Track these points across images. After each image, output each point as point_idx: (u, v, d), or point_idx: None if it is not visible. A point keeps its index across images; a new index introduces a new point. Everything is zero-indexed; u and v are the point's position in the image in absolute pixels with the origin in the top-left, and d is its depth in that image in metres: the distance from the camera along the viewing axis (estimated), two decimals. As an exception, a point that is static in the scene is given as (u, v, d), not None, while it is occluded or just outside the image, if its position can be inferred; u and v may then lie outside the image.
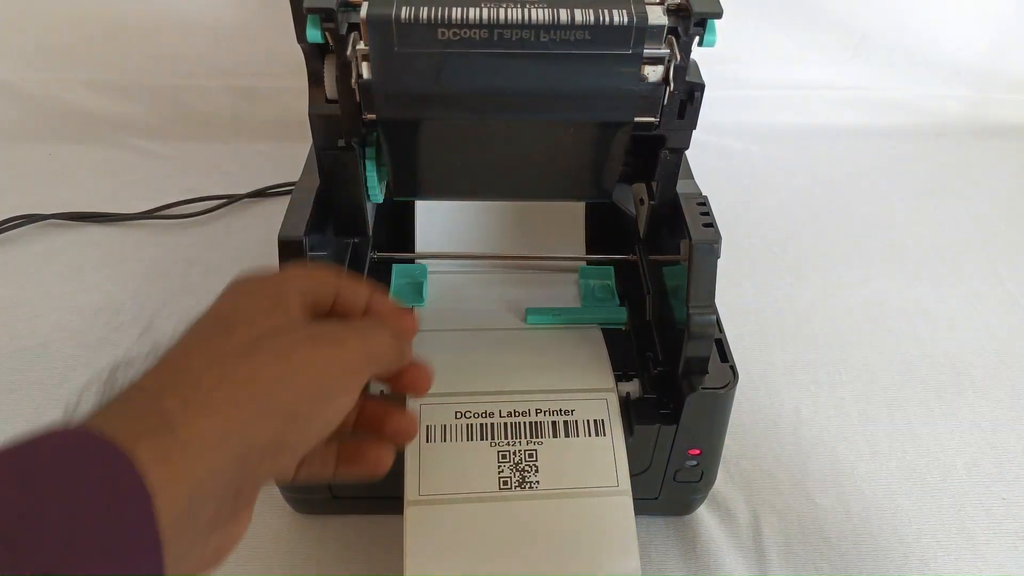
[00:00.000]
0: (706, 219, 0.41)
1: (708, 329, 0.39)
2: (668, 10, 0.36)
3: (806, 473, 0.50)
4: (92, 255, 0.67)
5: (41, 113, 0.83)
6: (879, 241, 0.72)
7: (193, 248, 0.68)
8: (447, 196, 0.46)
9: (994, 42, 0.86)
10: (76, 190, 0.75)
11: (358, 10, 0.35)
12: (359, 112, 0.38)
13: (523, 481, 0.39)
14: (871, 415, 0.54)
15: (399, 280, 0.51)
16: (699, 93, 0.39)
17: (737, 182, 0.79)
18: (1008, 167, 0.84)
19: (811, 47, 0.85)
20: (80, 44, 0.80)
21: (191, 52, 0.81)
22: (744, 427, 0.53)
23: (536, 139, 0.40)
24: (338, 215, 0.46)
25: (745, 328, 0.60)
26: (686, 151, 0.43)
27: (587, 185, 0.44)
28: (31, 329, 0.59)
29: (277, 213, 0.40)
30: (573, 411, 0.41)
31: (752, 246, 0.70)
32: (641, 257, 0.51)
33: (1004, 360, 0.59)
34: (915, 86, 0.88)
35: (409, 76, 0.36)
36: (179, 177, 0.77)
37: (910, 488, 0.49)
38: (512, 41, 0.35)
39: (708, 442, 0.42)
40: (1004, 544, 0.46)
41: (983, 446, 0.52)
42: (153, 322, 0.60)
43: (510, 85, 0.37)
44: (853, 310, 0.63)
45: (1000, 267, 0.68)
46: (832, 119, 0.88)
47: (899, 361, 0.58)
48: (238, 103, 0.84)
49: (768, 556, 0.45)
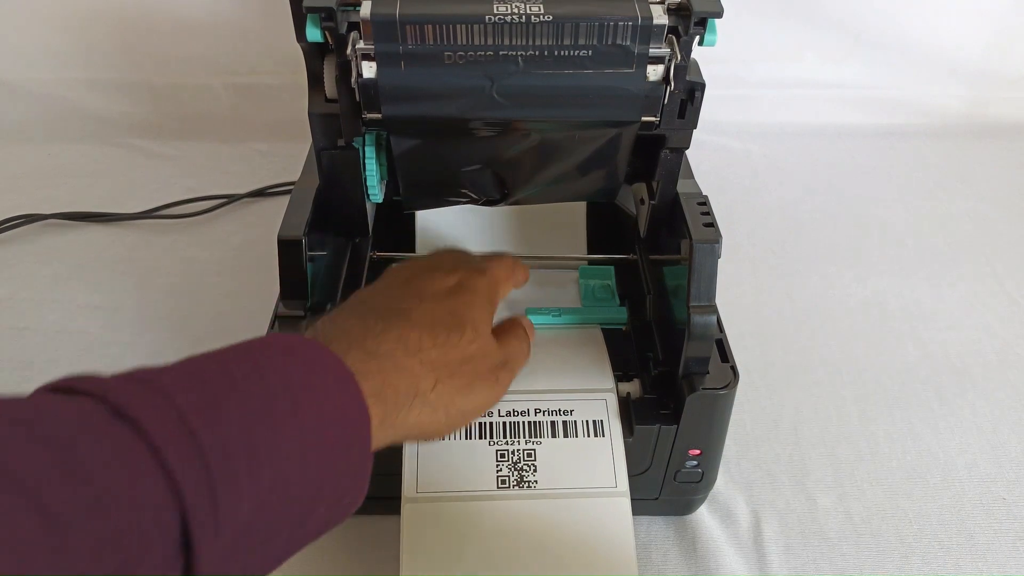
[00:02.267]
0: (707, 219, 0.41)
1: (708, 329, 0.39)
2: (669, 9, 0.36)
3: (806, 473, 0.50)
4: (92, 255, 0.67)
5: (41, 113, 0.83)
6: (879, 241, 0.71)
7: (193, 248, 0.68)
8: (457, 202, 0.46)
9: (992, 41, 0.86)
10: (76, 190, 0.75)
11: (358, 9, 0.35)
12: (359, 112, 0.38)
13: (521, 480, 0.39)
14: (871, 415, 0.54)
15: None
16: (699, 92, 0.39)
17: (737, 182, 0.79)
18: (1007, 165, 0.84)
19: (811, 47, 0.85)
20: (80, 44, 0.80)
21: (191, 51, 0.81)
22: (744, 427, 0.53)
23: (543, 141, 0.40)
24: (338, 215, 0.46)
25: (745, 328, 0.60)
26: (686, 151, 0.43)
27: (594, 185, 0.44)
28: (31, 329, 0.59)
29: (277, 213, 0.40)
30: (572, 411, 0.41)
31: (752, 246, 0.70)
32: (641, 257, 0.51)
33: (1004, 360, 0.59)
34: (914, 85, 0.88)
35: (414, 76, 0.36)
36: (179, 177, 0.77)
37: (910, 488, 0.49)
38: (515, 57, 0.36)
39: (708, 442, 0.42)
40: (1004, 544, 0.46)
41: (983, 446, 0.52)
42: (153, 322, 0.60)
43: (516, 85, 0.36)
44: (853, 310, 0.63)
45: (999, 266, 0.68)
46: (832, 119, 0.88)
47: (899, 361, 0.58)
48: (238, 102, 0.84)
49: (768, 556, 0.45)
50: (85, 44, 0.80)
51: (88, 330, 0.59)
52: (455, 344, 0.33)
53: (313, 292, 0.41)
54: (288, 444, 0.25)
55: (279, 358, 0.27)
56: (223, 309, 0.61)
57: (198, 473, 0.22)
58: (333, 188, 0.43)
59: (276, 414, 0.25)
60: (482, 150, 0.41)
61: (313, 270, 0.41)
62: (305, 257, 0.39)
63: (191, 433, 0.22)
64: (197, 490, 0.21)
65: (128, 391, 0.23)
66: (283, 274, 0.40)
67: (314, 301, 0.41)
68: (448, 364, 0.33)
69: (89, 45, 0.80)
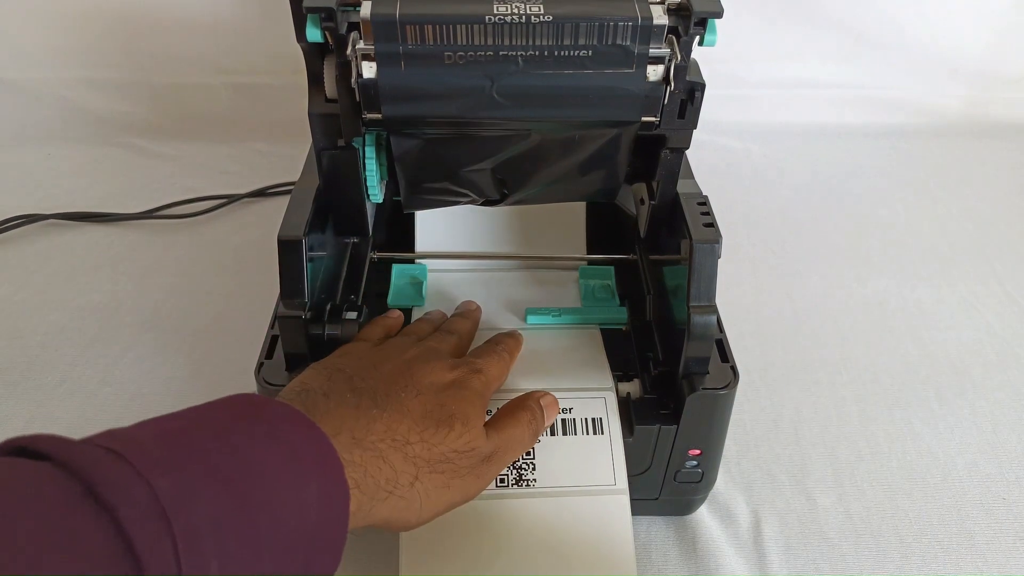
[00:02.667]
0: (706, 219, 0.41)
1: (709, 329, 0.39)
2: (669, 9, 0.36)
3: (806, 473, 0.50)
4: (92, 255, 0.67)
5: (41, 113, 0.83)
6: (879, 241, 0.72)
7: (193, 248, 0.68)
8: (456, 202, 0.46)
9: (992, 41, 0.86)
10: (76, 190, 0.75)
11: (358, 9, 0.35)
12: (359, 112, 0.38)
13: (520, 479, 0.39)
14: (871, 415, 0.54)
15: (399, 280, 0.51)
16: (699, 92, 0.39)
17: (737, 182, 0.79)
18: (1006, 165, 0.84)
19: (811, 47, 0.85)
20: (80, 43, 0.80)
21: (191, 51, 0.81)
22: (744, 427, 0.53)
23: (543, 141, 0.40)
24: (338, 215, 0.46)
25: (745, 328, 0.60)
26: (686, 151, 0.43)
27: (594, 185, 0.44)
28: (31, 329, 0.59)
29: (277, 213, 0.40)
30: (571, 409, 0.41)
31: (752, 246, 0.70)
32: (641, 257, 0.51)
33: (1004, 360, 0.59)
34: (914, 85, 0.88)
35: (414, 76, 0.36)
36: (179, 177, 0.77)
37: (910, 488, 0.49)
38: (515, 57, 0.36)
39: (708, 442, 0.42)
40: (1004, 544, 0.46)
41: (983, 446, 0.52)
42: (153, 322, 0.60)
43: (516, 85, 0.36)
44: (853, 310, 0.63)
45: (999, 266, 0.68)
46: (832, 118, 0.88)
47: (899, 361, 0.58)
48: (238, 102, 0.84)
49: (768, 556, 0.45)
50: (85, 44, 0.80)
51: (88, 330, 0.59)
52: (441, 440, 0.33)
53: (313, 292, 0.41)
54: (263, 531, 0.24)
55: (266, 434, 0.27)
56: (223, 309, 0.61)
57: (167, 563, 0.21)
58: (333, 188, 0.43)
59: (254, 500, 0.24)
60: (482, 150, 0.41)
61: (313, 270, 0.41)
62: (305, 257, 0.39)
63: (164, 521, 0.22)
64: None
65: (100, 467, 0.22)
66: (283, 274, 0.40)
67: (314, 301, 0.41)
68: (430, 460, 0.33)
69: (89, 45, 0.80)
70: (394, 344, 0.40)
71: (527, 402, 0.39)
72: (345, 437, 0.30)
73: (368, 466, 0.30)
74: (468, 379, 0.38)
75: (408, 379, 0.36)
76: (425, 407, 0.34)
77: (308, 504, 0.26)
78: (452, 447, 0.34)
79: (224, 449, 0.25)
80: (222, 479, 0.24)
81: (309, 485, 0.26)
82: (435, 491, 0.33)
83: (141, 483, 0.22)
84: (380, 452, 0.31)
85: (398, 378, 0.36)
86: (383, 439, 0.32)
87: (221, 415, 0.27)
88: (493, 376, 0.40)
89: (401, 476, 0.31)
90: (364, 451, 0.31)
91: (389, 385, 0.35)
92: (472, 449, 0.34)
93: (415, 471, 0.32)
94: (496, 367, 0.40)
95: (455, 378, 0.37)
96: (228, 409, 0.27)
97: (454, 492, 0.34)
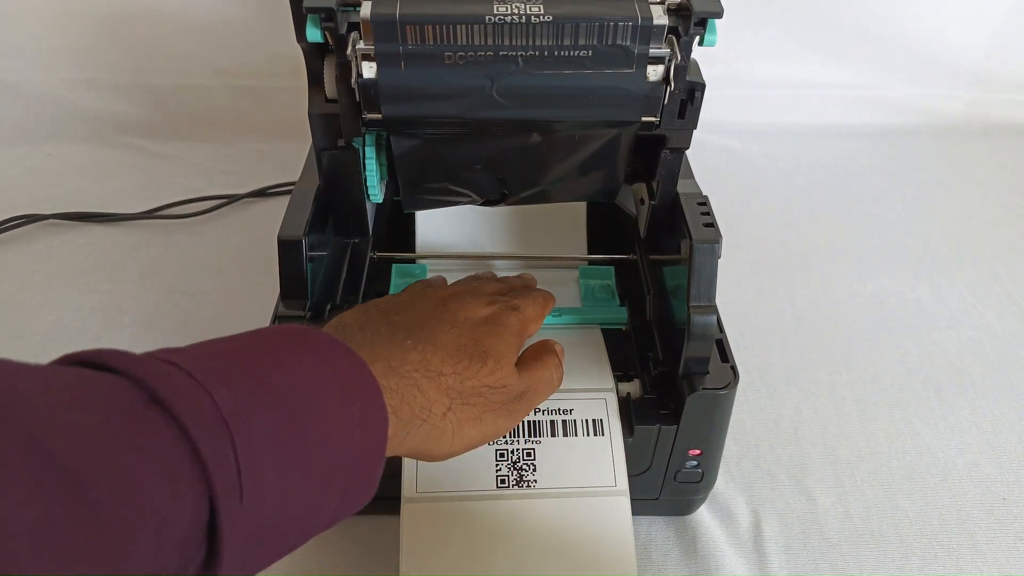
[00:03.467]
0: (707, 219, 0.41)
1: (709, 329, 0.39)
2: (669, 9, 0.36)
3: (806, 473, 0.50)
4: (92, 255, 0.67)
5: (41, 113, 0.83)
6: (879, 241, 0.71)
7: (193, 248, 0.68)
8: (457, 202, 0.46)
9: (993, 42, 0.86)
10: (76, 190, 0.75)
11: (358, 10, 0.35)
12: (359, 112, 0.38)
13: (521, 480, 0.39)
14: (871, 415, 0.54)
15: (399, 280, 0.51)
16: (699, 93, 0.39)
17: (737, 182, 0.79)
18: (1007, 166, 0.84)
19: (811, 47, 0.85)
20: (80, 44, 0.80)
21: (191, 52, 0.81)
22: (744, 427, 0.53)
23: (543, 141, 0.40)
24: (338, 215, 0.46)
25: (745, 328, 0.60)
26: (686, 151, 0.43)
27: (594, 185, 0.44)
28: (31, 329, 0.59)
29: (277, 213, 0.40)
30: (572, 410, 0.41)
31: (752, 246, 0.70)
32: (641, 257, 0.51)
33: (1004, 360, 0.59)
34: (915, 86, 0.88)
35: (414, 76, 0.36)
36: (179, 177, 0.77)
37: (910, 488, 0.49)
38: (515, 57, 0.36)
39: (708, 442, 0.42)
40: (1004, 544, 0.46)
41: (983, 446, 0.52)
42: (153, 322, 0.60)
43: (516, 85, 0.36)
44: (853, 310, 0.63)
45: (999, 266, 0.68)
46: (832, 119, 0.88)
47: (899, 361, 0.58)
48: (238, 103, 0.84)
49: (769, 556, 0.45)
50: (85, 44, 0.80)
51: (88, 330, 0.59)
52: (474, 374, 0.34)
53: (313, 292, 0.41)
54: (312, 447, 0.25)
55: (312, 357, 0.27)
56: (223, 309, 0.61)
57: (229, 469, 0.22)
58: (333, 188, 0.44)
59: (304, 416, 0.25)
60: (482, 150, 0.41)
61: (313, 270, 0.41)
62: (305, 257, 0.39)
63: (225, 429, 0.23)
64: (227, 485, 0.22)
65: (164, 378, 0.23)
66: (283, 274, 0.40)
67: (314, 301, 0.41)
68: (463, 392, 0.33)
69: (89, 45, 0.80)
70: (438, 283, 0.42)
71: (551, 345, 0.40)
72: (382, 365, 0.31)
73: (404, 393, 0.31)
74: (504, 315, 0.38)
75: (444, 313, 0.36)
76: (459, 341, 0.35)
77: (352, 423, 0.27)
78: (484, 382, 0.34)
79: (275, 367, 0.26)
80: (275, 393, 0.25)
81: (353, 405, 0.27)
82: (467, 423, 0.33)
83: (203, 393, 0.23)
84: (415, 381, 0.31)
85: (433, 312, 0.36)
86: (417, 369, 0.32)
87: (271, 338, 0.28)
88: (529, 317, 0.40)
89: (435, 405, 0.32)
90: (400, 379, 0.31)
91: (424, 319, 0.36)
92: (504, 386, 0.35)
93: (448, 402, 0.32)
94: (532, 309, 0.40)
95: (490, 314, 0.37)
96: (276, 334, 0.28)
97: (486, 426, 0.34)
